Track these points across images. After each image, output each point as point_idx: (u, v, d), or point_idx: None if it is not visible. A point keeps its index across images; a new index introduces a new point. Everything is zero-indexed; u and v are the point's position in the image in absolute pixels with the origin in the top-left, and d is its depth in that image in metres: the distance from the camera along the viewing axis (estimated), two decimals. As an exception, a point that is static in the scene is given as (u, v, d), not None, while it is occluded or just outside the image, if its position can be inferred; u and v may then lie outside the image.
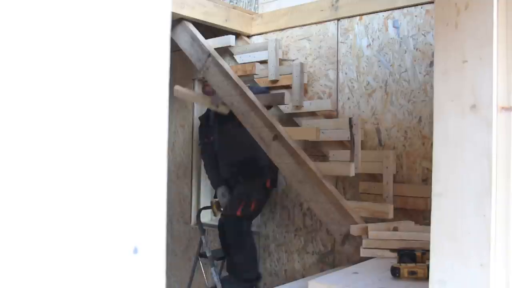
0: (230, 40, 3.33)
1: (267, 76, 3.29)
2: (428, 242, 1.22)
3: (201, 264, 3.46)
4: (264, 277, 3.49)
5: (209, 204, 3.97)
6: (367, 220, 2.50)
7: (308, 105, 3.14)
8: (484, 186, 1.12)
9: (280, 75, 3.31)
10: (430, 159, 1.37)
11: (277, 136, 2.70)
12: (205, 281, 3.50)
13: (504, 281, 1.10)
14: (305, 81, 3.24)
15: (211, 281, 3.37)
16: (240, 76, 3.03)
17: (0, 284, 0.40)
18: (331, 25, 3.18)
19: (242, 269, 3.18)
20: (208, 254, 3.29)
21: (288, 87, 3.23)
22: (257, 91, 3.11)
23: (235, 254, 3.20)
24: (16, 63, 0.41)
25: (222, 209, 3.35)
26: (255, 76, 3.20)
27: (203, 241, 3.35)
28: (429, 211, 1.23)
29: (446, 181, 1.18)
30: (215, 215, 3.40)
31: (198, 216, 3.47)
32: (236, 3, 3.70)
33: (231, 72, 3.00)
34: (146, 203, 0.50)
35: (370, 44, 2.99)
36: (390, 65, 2.90)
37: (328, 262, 3.07)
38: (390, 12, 2.91)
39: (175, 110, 4.10)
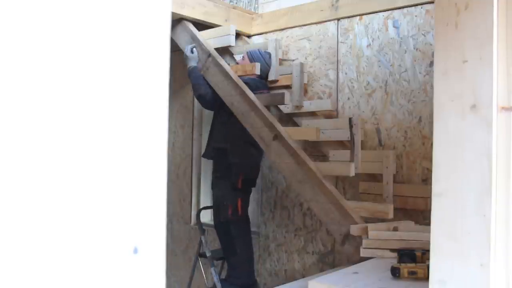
0: (230, 40, 3.33)
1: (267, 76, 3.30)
2: (428, 242, 1.22)
3: (200, 264, 3.46)
4: (264, 277, 3.49)
5: (209, 204, 3.98)
6: (367, 220, 2.50)
7: (308, 105, 3.14)
8: (484, 186, 1.12)
9: (280, 75, 3.31)
10: (430, 159, 1.37)
11: (277, 136, 2.70)
12: (205, 281, 3.50)
13: (504, 281, 1.10)
14: (305, 81, 3.24)
15: (210, 281, 3.37)
16: (240, 76, 3.03)
17: (1, 284, 0.40)
18: (331, 25, 3.18)
19: (234, 274, 3.17)
20: (208, 254, 3.29)
21: (288, 87, 3.23)
22: (250, 81, 3.07)
23: (227, 258, 3.22)
24: (16, 63, 0.41)
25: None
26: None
27: (203, 241, 3.34)
28: (429, 211, 1.23)
29: (446, 181, 1.18)
30: None
31: (198, 216, 3.46)
32: (236, 3, 3.70)
33: (231, 72, 3.00)
34: (146, 203, 0.50)
35: (370, 44, 2.99)
36: (390, 65, 2.90)
37: (328, 262, 3.07)
38: (390, 12, 2.91)
39: (175, 110, 4.10)
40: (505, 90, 1.12)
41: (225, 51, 3.43)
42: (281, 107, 3.22)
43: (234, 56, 3.50)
